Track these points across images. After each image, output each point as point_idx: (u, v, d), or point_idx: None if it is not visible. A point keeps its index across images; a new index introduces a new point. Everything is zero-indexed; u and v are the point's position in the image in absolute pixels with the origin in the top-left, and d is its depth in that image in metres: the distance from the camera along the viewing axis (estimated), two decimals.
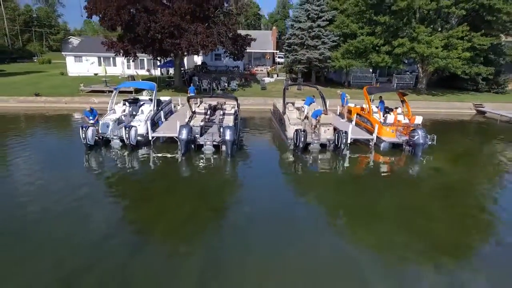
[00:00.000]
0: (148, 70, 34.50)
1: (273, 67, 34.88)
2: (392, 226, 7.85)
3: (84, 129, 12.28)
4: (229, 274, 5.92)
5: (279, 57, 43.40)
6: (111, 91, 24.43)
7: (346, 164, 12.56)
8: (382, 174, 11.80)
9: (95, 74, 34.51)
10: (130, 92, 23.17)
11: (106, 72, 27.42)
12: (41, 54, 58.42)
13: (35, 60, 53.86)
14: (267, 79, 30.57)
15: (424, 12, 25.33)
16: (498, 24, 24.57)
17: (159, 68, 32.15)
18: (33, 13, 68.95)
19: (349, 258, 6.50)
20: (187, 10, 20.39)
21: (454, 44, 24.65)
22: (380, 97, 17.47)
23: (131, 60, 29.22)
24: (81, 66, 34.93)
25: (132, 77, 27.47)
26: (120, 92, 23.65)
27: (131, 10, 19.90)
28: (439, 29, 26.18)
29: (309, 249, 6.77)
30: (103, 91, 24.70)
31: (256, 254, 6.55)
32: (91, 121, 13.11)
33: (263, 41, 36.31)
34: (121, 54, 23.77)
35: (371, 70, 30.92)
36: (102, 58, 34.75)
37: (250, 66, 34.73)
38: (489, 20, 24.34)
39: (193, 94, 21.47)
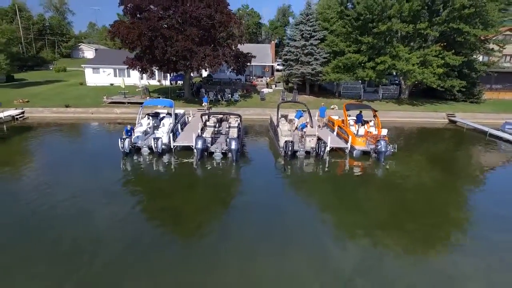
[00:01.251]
0: (159, 81, 38.18)
1: (271, 78, 38.51)
2: (351, 211, 11.44)
3: (122, 140, 15.90)
4: (236, 238, 9.48)
5: (278, 65, 47.00)
6: (130, 102, 28.25)
7: (326, 168, 16.12)
8: (353, 175, 15.38)
9: (111, 84, 38.29)
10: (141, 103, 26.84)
11: (124, 85, 30.96)
12: (55, 62, 62.04)
13: (51, 68, 57.57)
14: (266, 90, 34.20)
15: (404, 32, 28.87)
16: (467, 44, 28.13)
17: (168, 79, 35.88)
18: (46, 22, 72.79)
19: (315, 229, 10.06)
20: (197, 35, 24.04)
21: (430, 61, 28.22)
22: (360, 111, 20.95)
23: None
24: (98, 77, 38.68)
25: (147, 88, 31.09)
26: (137, 103, 27.42)
27: (151, 36, 23.49)
28: (418, 47, 29.71)
29: (288, 220, 10.33)
30: (123, 102, 28.37)
31: (253, 227, 10.12)
32: (129, 137, 16.48)
33: (262, 54, 39.96)
34: (139, 71, 27.43)
35: (360, 81, 34.45)
36: (117, 70, 38.51)
37: (251, 78, 38.30)
38: (459, 41, 27.92)
39: (206, 103, 25.52)
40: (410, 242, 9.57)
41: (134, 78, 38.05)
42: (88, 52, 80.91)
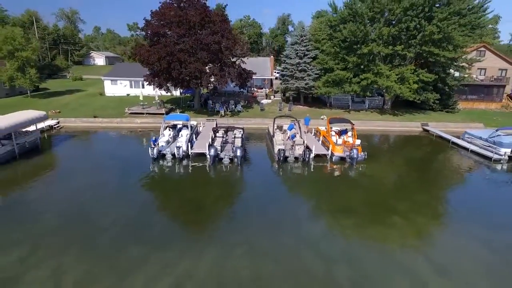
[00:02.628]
0: (170, 92, 42.73)
1: (270, 90, 43.06)
2: (323, 200, 15.96)
3: (151, 148, 20.43)
4: (241, 218, 13.99)
5: (277, 73, 51.35)
6: (148, 113, 32.78)
7: (311, 170, 20.61)
8: (330, 175, 19.88)
9: (127, 95, 42.93)
10: (162, 114, 31.43)
11: (142, 97, 35.53)
12: (71, 71, 66.64)
13: (68, 77, 62.28)
14: (265, 101, 38.76)
15: (384, 53, 33.34)
16: (439, 63, 32.61)
17: (178, 90, 40.43)
18: (60, 31, 77.64)
19: (296, 212, 14.54)
20: (207, 58, 28.60)
21: (407, 77, 32.70)
22: (346, 122, 25.34)
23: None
24: (116, 88, 43.34)
25: (162, 101, 35.65)
26: (154, 113, 32.01)
27: (168, 59, 28.04)
28: (397, 65, 34.19)
29: (278, 206, 14.81)
30: (142, 113, 32.94)
31: (253, 210, 14.61)
32: (156, 144, 21.02)
33: (262, 68, 44.55)
34: (156, 86, 32.01)
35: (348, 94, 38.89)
36: (133, 82, 43.16)
37: (252, 89, 42.79)
38: (431, 61, 32.40)
39: (221, 111, 30.63)
40: (359, 221, 14.05)
41: (148, 89, 42.59)
42: (99, 59, 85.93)
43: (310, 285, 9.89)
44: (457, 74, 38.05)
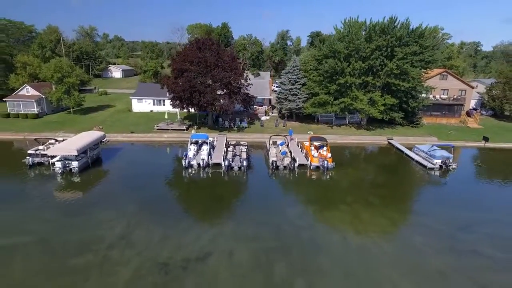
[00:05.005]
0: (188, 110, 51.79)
1: (269, 107, 52.01)
2: (301, 194, 24.89)
3: (184, 160, 29.36)
4: (246, 205, 22.92)
5: (277, 87, 59.89)
6: (173, 129, 41.66)
7: (295, 175, 29.44)
8: (309, 179, 28.77)
9: (151, 111, 51.99)
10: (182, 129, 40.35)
11: (167, 116, 44.50)
12: (95, 86, 75.56)
13: (94, 92, 71.26)
14: (265, 118, 47.71)
15: (357, 82, 42.16)
16: (401, 91, 41.43)
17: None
18: (83, 48, 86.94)
19: (281, 202, 23.43)
20: (219, 88, 37.58)
21: (376, 101, 41.53)
22: (322, 139, 34.14)
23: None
24: (141, 105, 52.42)
25: (182, 118, 44.61)
26: (177, 129, 40.96)
27: (190, 90, 37.02)
28: (369, 90, 43.02)
29: (269, 198, 23.68)
30: (167, 129, 41.90)
31: (254, 201, 23.52)
32: (187, 157, 29.96)
33: (262, 88, 53.53)
34: (177, 107, 40.96)
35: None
36: (155, 100, 52.23)
37: (254, 107, 51.60)
38: (394, 89, 41.27)
39: (245, 125, 39.20)
40: (320, 207, 22.92)
41: (168, 105, 51.59)
42: (116, 72, 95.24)
43: (288, 240, 18.74)
44: (424, 94, 46.69)
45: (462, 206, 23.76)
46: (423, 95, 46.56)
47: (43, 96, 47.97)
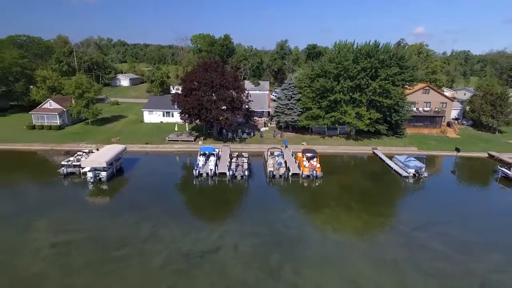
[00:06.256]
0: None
1: (268, 119, 57.35)
2: (293, 198, 30.24)
3: (194, 170, 34.70)
4: (248, 206, 28.26)
5: (275, 95, 65.10)
6: (183, 140, 47.01)
7: (289, 183, 34.73)
8: (300, 185, 34.09)
9: (161, 122, 57.37)
10: (190, 141, 45.72)
11: (177, 128, 49.85)
12: (107, 97, 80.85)
13: (106, 101, 76.58)
14: (264, 129, 53.06)
15: (346, 99, 47.48)
16: (384, 106, 46.76)
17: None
18: (94, 59, 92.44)
19: (277, 204, 28.75)
20: (224, 105, 42.94)
21: (362, 115, 46.84)
22: (313, 151, 39.45)
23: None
24: (152, 116, 57.81)
25: (191, 130, 49.96)
26: (186, 140, 46.28)
27: (199, 108, 42.37)
28: (357, 105, 48.32)
29: (267, 200, 28.98)
30: (177, 140, 47.23)
31: (254, 203, 28.84)
32: (197, 167, 35.31)
33: (261, 101, 58.87)
34: (186, 121, 46.30)
35: None
36: (165, 112, 57.60)
37: (254, 118, 56.92)
38: (378, 105, 46.60)
39: (260, 134, 44.10)
40: (308, 210, 28.24)
41: (176, 117, 56.96)
42: (124, 81, 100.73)
43: (281, 236, 24.03)
44: (408, 107, 51.77)
45: (423, 209, 29.06)
46: (407, 108, 51.90)
47: (65, 109, 53.37)
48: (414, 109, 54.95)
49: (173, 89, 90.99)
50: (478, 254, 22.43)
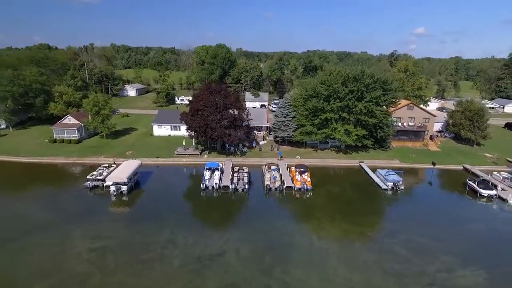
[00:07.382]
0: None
1: (266, 133, 62.97)
2: (286, 208, 35.84)
3: (202, 183, 40.29)
4: (247, 215, 33.83)
5: (273, 106, 70.34)
6: (190, 154, 52.63)
7: (283, 195, 40.27)
8: (293, 198, 39.64)
9: (169, 135, 63.00)
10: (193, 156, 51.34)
11: (184, 142, 55.43)
12: (117, 109, 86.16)
13: (117, 113, 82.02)
14: (262, 142, 58.64)
15: (336, 117, 53.01)
16: (370, 124, 52.33)
17: None
18: (103, 71, 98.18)
19: (272, 213, 34.30)
20: (228, 124, 48.56)
21: (350, 132, 52.40)
22: (305, 167, 45.00)
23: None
24: (161, 130, 63.45)
25: (197, 144, 55.55)
26: (193, 154, 51.90)
27: (205, 127, 47.97)
28: (346, 123, 53.87)
29: (264, 209, 34.51)
30: (184, 154, 52.80)
31: (253, 212, 34.39)
32: (204, 181, 40.89)
33: (260, 116, 64.48)
34: (195, 138, 51.87)
35: None
36: (172, 126, 63.22)
37: (254, 132, 62.51)
38: (364, 124, 52.20)
39: (263, 146, 49.68)
40: (298, 219, 33.79)
41: (183, 130, 62.49)
42: (131, 91, 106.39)
43: (274, 242, 29.57)
44: (393, 123, 57.25)
45: (396, 219, 34.60)
46: (391, 124, 57.37)
47: (82, 124, 59.01)
48: (400, 124, 60.50)
49: (178, 99, 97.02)
50: (432, 257, 27.94)
